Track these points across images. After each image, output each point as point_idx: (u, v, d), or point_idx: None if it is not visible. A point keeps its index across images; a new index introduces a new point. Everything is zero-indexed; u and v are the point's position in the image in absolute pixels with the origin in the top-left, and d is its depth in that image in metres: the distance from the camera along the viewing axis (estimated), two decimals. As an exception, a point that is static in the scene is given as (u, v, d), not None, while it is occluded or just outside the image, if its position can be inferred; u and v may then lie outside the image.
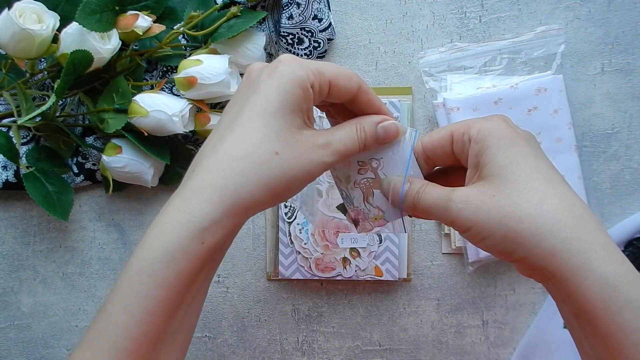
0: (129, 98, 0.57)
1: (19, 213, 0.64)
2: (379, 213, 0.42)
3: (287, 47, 0.60)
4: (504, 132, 0.37)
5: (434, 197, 0.38)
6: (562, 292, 0.35)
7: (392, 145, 0.40)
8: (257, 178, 0.35)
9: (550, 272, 0.35)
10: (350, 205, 0.43)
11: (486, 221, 0.35)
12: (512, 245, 0.35)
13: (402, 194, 0.40)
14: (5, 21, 0.52)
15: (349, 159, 0.41)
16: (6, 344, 0.64)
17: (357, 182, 0.42)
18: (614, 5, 0.61)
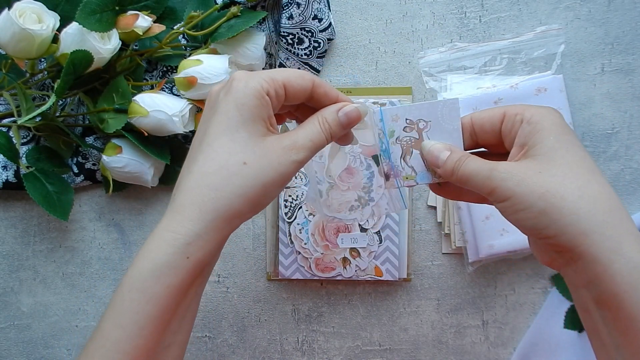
0: (129, 98, 0.57)
1: (19, 213, 0.64)
2: (411, 173, 0.44)
3: (287, 47, 0.60)
4: (557, 120, 0.39)
5: (476, 165, 0.39)
6: (587, 275, 0.36)
7: (442, 110, 0.42)
8: (230, 189, 0.37)
9: (578, 253, 0.35)
10: (386, 159, 0.44)
11: (527, 194, 0.36)
12: (546, 221, 0.36)
13: (443, 159, 0.41)
14: (5, 21, 0.52)
15: (398, 115, 0.43)
16: (6, 344, 0.64)
17: (400, 138, 0.43)
18: (614, 5, 0.61)
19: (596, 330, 0.38)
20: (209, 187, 0.37)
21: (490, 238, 0.58)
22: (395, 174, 0.44)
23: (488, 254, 0.59)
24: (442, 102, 0.42)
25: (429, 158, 0.42)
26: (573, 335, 0.61)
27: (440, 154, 0.41)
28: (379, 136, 0.44)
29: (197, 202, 0.37)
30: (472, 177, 0.39)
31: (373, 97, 0.61)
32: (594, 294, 0.36)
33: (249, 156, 0.38)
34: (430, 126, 0.43)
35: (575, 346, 0.61)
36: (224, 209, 0.37)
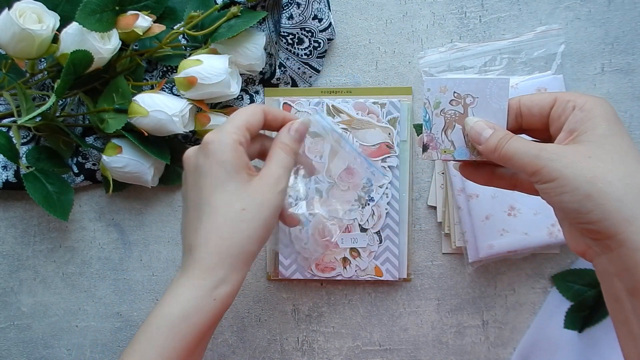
0: (129, 98, 0.57)
1: (19, 213, 0.64)
2: (450, 147, 0.44)
3: (287, 47, 0.60)
4: (609, 109, 0.39)
5: (522, 144, 0.40)
6: (624, 263, 0.36)
7: (491, 88, 0.42)
8: (239, 235, 0.43)
9: (619, 240, 0.36)
10: (427, 129, 0.44)
11: (575, 176, 0.37)
12: (591, 205, 0.36)
13: (485, 136, 0.41)
14: (5, 21, 0.52)
15: (446, 87, 0.43)
16: (6, 344, 0.64)
17: (445, 111, 0.43)
18: (614, 5, 0.61)
19: (626, 321, 0.38)
20: (222, 238, 0.43)
21: (490, 238, 0.58)
22: (434, 146, 0.44)
23: (488, 254, 0.59)
24: (492, 80, 0.42)
25: (472, 134, 0.43)
26: (573, 335, 0.61)
27: (484, 132, 0.42)
28: (424, 106, 0.44)
29: (214, 252, 0.43)
30: (517, 155, 0.39)
31: (373, 97, 0.61)
32: (628, 283, 0.36)
33: (244, 202, 0.43)
34: (477, 103, 0.43)
35: (575, 346, 0.61)
36: (238, 252, 0.43)
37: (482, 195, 0.59)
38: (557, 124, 0.41)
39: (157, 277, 0.64)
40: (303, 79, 0.62)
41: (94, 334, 0.64)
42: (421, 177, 0.62)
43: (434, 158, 0.45)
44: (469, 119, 0.43)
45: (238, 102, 0.62)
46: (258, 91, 0.63)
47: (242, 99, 0.62)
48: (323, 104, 0.60)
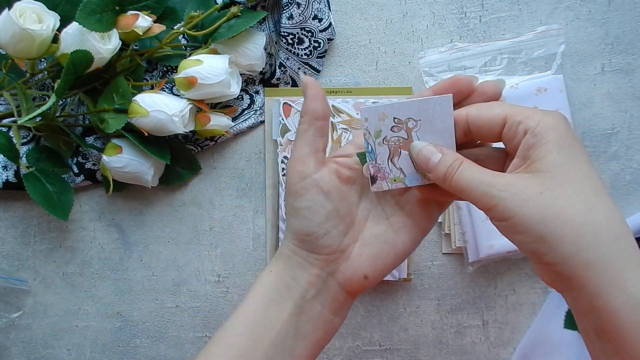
0: (129, 98, 0.57)
1: (19, 213, 0.64)
2: (400, 175, 0.41)
3: (287, 47, 0.60)
4: (564, 131, 0.36)
5: (473, 176, 0.37)
6: (587, 305, 0.34)
7: (433, 108, 0.39)
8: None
9: (578, 284, 0.34)
10: (372, 160, 0.41)
11: (527, 217, 0.34)
12: (545, 248, 0.34)
13: (434, 162, 0.38)
14: (5, 21, 0.52)
15: (384, 114, 0.40)
16: (6, 344, 0.64)
17: (387, 139, 0.40)
18: (614, 5, 0.61)
19: (598, 357, 0.36)
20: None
21: (490, 238, 0.58)
22: (383, 176, 0.41)
23: (488, 254, 0.59)
24: (433, 100, 0.39)
25: (419, 161, 0.39)
26: (573, 335, 0.61)
27: (432, 157, 0.39)
28: (364, 136, 0.41)
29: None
30: (467, 188, 0.37)
31: (373, 97, 0.61)
32: (594, 324, 0.34)
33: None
34: (420, 125, 0.39)
35: (576, 346, 0.61)
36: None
37: (482, 195, 0.59)
38: (510, 145, 0.38)
39: (157, 277, 0.64)
40: (303, 79, 0.62)
41: (94, 334, 0.64)
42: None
43: (384, 188, 0.41)
44: (415, 144, 0.40)
45: (238, 102, 0.62)
46: (258, 91, 0.63)
47: (242, 99, 0.62)
48: (323, 104, 0.60)
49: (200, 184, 0.63)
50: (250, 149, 0.63)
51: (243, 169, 0.63)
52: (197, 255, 0.64)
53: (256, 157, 0.63)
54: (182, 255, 0.64)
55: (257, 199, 0.63)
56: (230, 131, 0.62)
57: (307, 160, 0.41)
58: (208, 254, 0.64)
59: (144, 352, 0.64)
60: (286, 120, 0.61)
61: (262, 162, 0.63)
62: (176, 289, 0.64)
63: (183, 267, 0.64)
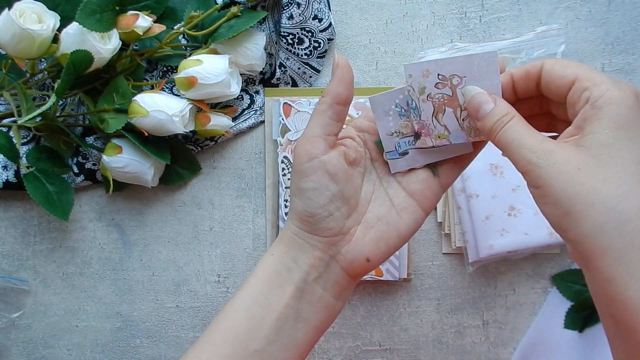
0: (129, 98, 0.57)
1: (19, 213, 0.64)
2: (444, 132, 0.40)
3: (287, 47, 0.60)
4: (626, 109, 0.34)
5: (517, 135, 0.36)
6: (601, 290, 0.34)
7: (478, 64, 0.38)
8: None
9: (595, 267, 0.33)
10: (416, 117, 0.41)
11: (558, 190, 0.33)
12: (570, 224, 0.33)
13: (485, 111, 0.37)
14: (5, 21, 0.52)
15: (428, 71, 0.39)
16: (6, 344, 0.64)
17: (432, 95, 0.40)
18: (614, 5, 0.61)
19: (612, 339, 0.36)
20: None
21: (490, 238, 0.58)
22: (427, 132, 0.41)
23: (488, 254, 0.59)
24: (478, 56, 0.38)
25: (470, 107, 0.38)
26: (573, 335, 0.61)
27: (484, 105, 0.37)
28: (408, 93, 0.40)
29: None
30: (509, 146, 0.36)
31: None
32: (610, 310, 0.34)
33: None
34: (465, 82, 0.39)
35: (576, 346, 0.61)
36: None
37: (482, 195, 0.59)
38: (572, 111, 0.36)
39: (157, 277, 0.64)
40: (303, 79, 0.62)
41: (94, 334, 0.64)
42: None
43: (428, 145, 0.41)
44: (469, 87, 0.39)
45: (238, 102, 0.62)
46: (258, 91, 0.63)
47: (242, 99, 0.62)
48: (323, 104, 0.60)
49: (200, 184, 0.63)
50: (250, 149, 0.63)
51: (243, 169, 0.63)
52: (197, 255, 0.64)
53: (256, 157, 0.63)
54: (182, 255, 0.64)
55: (257, 199, 0.63)
56: (230, 131, 0.62)
57: (317, 142, 0.40)
58: (208, 254, 0.64)
59: (144, 352, 0.64)
60: (286, 120, 0.61)
61: (262, 162, 0.63)
62: (176, 289, 0.64)
63: (183, 267, 0.64)
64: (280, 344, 0.40)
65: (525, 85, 0.39)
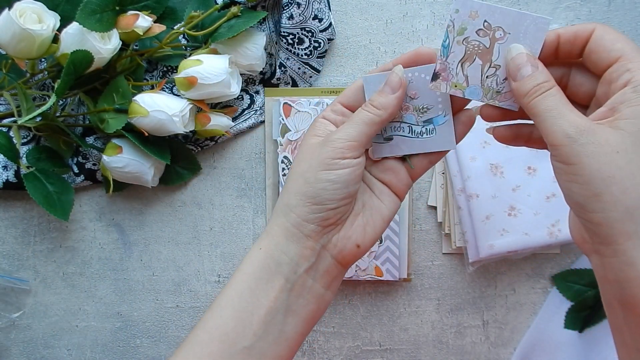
0: (129, 98, 0.57)
1: (20, 213, 0.64)
2: (463, 83, 0.39)
3: (287, 47, 0.60)
4: None
5: (557, 105, 0.35)
6: (617, 274, 0.34)
7: (528, 26, 0.37)
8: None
9: (614, 250, 0.33)
10: (443, 57, 0.39)
11: (592, 170, 0.33)
12: (597, 206, 0.33)
13: (524, 74, 0.36)
14: (5, 21, 0.52)
15: (477, 13, 0.38)
16: (6, 344, 0.64)
17: (469, 40, 0.38)
18: (614, 5, 0.61)
19: (619, 328, 0.36)
20: None
21: (490, 238, 0.58)
22: (446, 77, 0.39)
23: (488, 254, 0.59)
24: (532, 17, 0.37)
25: (511, 65, 0.37)
26: (573, 335, 0.61)
27: (525, 67, 0.37)
28: (446, 28, 0.38)
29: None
30: (543, 115, 0.35)
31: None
32: (619, 293, 0.34)
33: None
34: (507, 39, 0.37)
35: (576, 346, 0.61)
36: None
37: (482, 195, 0.59)
38: (605, 89, 0.36)
39: (157, 277, 0.64)
40: (303, 79, 0.62)
41: (94, 334, 0.64)
42: (421, 177, 0.62)
43: (442, 90, 0.40)
44: (515, 45, 0.37)
45: (238, 102, 0.62)
46: (258, 91, 0.63)
47: (242, 99, 0.62)
48: (323, 104, 0.60)
49: (200, 184, 0.63)
50: (250, 149, 0.63)
51: (243, 169, 0.63)
52: (197, 255, 0.64)
53: (256, 157, 0.63)
54: (182, 255, 0.64)
55: (257, 199, 0.63)
56: (230, 131, 0.62)
57: (356, 148, 0.40)
58: (208, 254, 0.64)
59: (144, 352, 0.64)
60: (286, 120, 0.61)
61: (262, 162, 0.63)
62: (176, 289, 0.64)
63: (183, 267, 0.64)
64: (269, 339, 0.40)
65: (569, 48, 0.37)
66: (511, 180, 0.59)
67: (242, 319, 0.40)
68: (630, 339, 0.35)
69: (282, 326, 0.41)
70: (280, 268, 0.41)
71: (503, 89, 0.39)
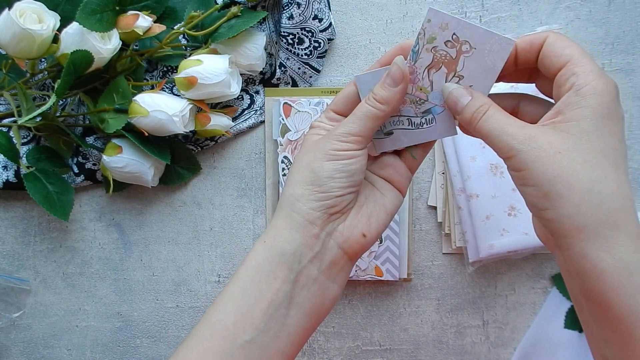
0: (129, 98, 0.57)
1: (20, 213, 0.64)
2: (427, 87, 0.41)
3: (287, 47, 0.60)
4: (608, 101, 0.36)
5: (497, 124, 0.38)
6: (575, 267, 0.35)
7: (493, 45, 0.39)
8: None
9: (569, 244, 0.35)
10: (412, 61, 0.41)
11: (539, 172, 0.35)
12: (548, 204, 0.35)
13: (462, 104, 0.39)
14: (5, 21, 0.52)
15: (447, 25, 0.40)
16: (6, 344, 0.64)
17: (437, 49, 0.40)
18: (614, 5, 0.61)
19: (586, 321, 0.37)
20: None
21: (490, 238, 0.58)
22: (413, 80, 0.41)
23: (488, 254, 0.59)
24: (497, 37, 0.39)
25: (450, 102, 0.40)
26: (573, 335, 0.61)
27: (461, 99, 0.40)
28: (417, 35, 0.40)
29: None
30: (490, 135, 0.38)
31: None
32: (581, 287, 0.35)
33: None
34: (473, 54, 0.40)
35: (576, 346, 0.61)
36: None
37: (482, 195, 0.59)
38: (557, 91, 0.38)
39: (157, 277, 0.64)
40: (303, 79, 0.62)
41: (94, 334, 0.64)
42: (421, 177, 0.62)
43: (407, 91, 0.42)
44: (447, 85, 0.41)
45: (238, 102, 0.62)
46: (258, 91, 0.63)
47: (242, 99, 0.62)
48: (323, 103, 0.60)
49: (200, 184, 0.63)
50: (250, 149, 0.63)
51: (243, 169, 0.63)
52: (197, 255, 0.64)
53: (256, 157, 0.63)
54: (182, 255, 0.64)
55: (257, 199, 0.63)
56: (231, 131, 0.62)
57: (361, 142, 0.41)
58: (208, 254, 0.64)
59: (144, 352, 0.64)
60: (286, 120, 0.61)
61: (262, 162, 0.63)
62: (176, 289, 0.64)
63: (183, 267, 0.64)
64: (270, 333, 0.40)
65: (526, 56, 0.40)
66: (511, 180, 0.58)
67: (244, 313, 0.40)
68: (597, 331, 0.36)
69: (284, 319, 0.40)
70: (284, 258, 0.41)
71: None
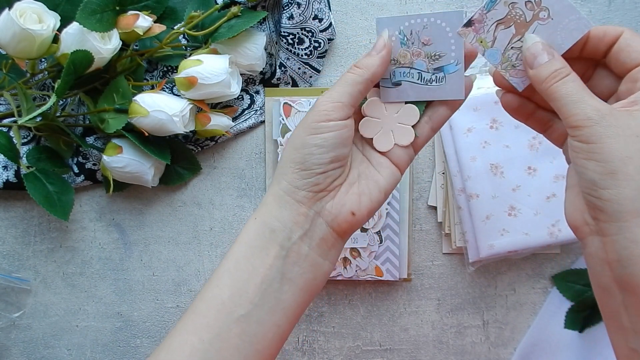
0: (129, 98, 0.57)
1: (20, 213, 0.64)
2: (488, 42, 0.40)
3: (287, 47, 0.60)
4: None
5: (577, 90, 0.37)
6: (619, 252, 0.34)
7: (570, 20, 0.38)
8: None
9: (620, 227, 0.34)
10: (485, 9, 0.40)
11: (612, 150, 0.34)
12: (610, 184, 0.34)
13: (539, 62, 0.38)
14: (5, 21, 0.52)
15: None
16: (6, 344, 0.64)
17: (515, 5, 0.39)
18: (614, 5, 0.61)
19: (614, 312, 0.36)
20: None
21: (490, 238, 0.58)
22: (477, 29, 0.40)
23: (488, 254, 0.59)
24: (578, 15, 0.38)
25: (527, 55, 0.39)
26: (573, 335, 0.61)
27: (541, 55, 0.38)
28: None
29: None
30: (565, 99, 0.36)
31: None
32: (619, 274, 0.35)
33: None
34: (547, 24, 0.38)
35: (576, 346, 0.61)
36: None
37: (482, 195, 0.59)
38: (629, 86, 0.37)
39: (157, 277, 0.64)
40: (303, 79, 0.62)
41: (94, 334, 0.64)
42: (421, 177, 0.62)
43: (467, 39, 0.40)
44: (529, 36, 0.39)
45: (238, 102, 0.62)
46: (258, 91, 0.63)
47: (242, 99, 0.62)
48: (323, 104, 0.60)
49: (200, 184, 0.63)
50: (250, 149, 0.63)
51: (243, 169, 0.63)
52: (197, 255, 0.64)
53: (256, 157, 0.63)
54: (182, 255, 0.64)
55: (257, 199, 0.63)
56: (231, 131, 0.62)
57: (341, 108, 0.41)
58: (208, 254, 0.64)
59: (144, 352, 0.64)
60: (286, 120, 0.61)
61: (262, 162, 0.63)
62: (176, 289, 0.64)
63: (183, 267, 0.64)
64: (265, 307, 0.40)
65: (595, 46, 0.39)
66: (511, 180, 0.59)
67: (238, 288, 0.41)
68: (629, 323, 0.35)
69: (278, 294, 0.41)
70: (275, 235, 0.41)
71: (518, 66, 0.40)
